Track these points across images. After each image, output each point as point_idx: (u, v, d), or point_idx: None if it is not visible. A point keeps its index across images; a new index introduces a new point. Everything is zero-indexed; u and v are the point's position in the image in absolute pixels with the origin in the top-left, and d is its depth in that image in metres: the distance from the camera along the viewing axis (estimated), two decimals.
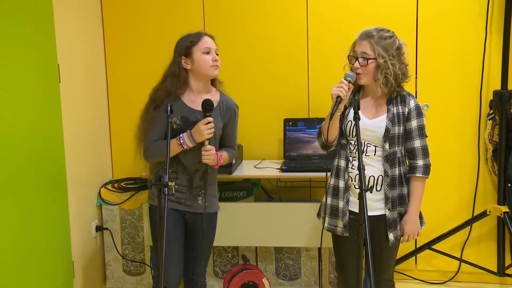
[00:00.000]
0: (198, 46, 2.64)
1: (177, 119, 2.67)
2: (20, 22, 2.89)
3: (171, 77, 2.66)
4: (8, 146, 2.77)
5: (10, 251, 2.78)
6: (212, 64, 2.65)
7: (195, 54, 2.64)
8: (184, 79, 2.68)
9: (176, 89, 2.66)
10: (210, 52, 2.66)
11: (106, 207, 3.80)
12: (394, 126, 2.49)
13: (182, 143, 2.62)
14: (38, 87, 3.05)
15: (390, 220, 2.54)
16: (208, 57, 2.64)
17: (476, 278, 3.80)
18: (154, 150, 2.70)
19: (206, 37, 2.68)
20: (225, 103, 2.78)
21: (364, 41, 2.46)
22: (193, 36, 2.66)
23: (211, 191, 2.82)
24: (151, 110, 2.68)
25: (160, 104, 2.66)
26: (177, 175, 2.70)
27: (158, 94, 2.68)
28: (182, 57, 2.65)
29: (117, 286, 3.87)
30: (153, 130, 2.69)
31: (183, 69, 2.67)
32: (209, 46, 2.66)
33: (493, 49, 3.57)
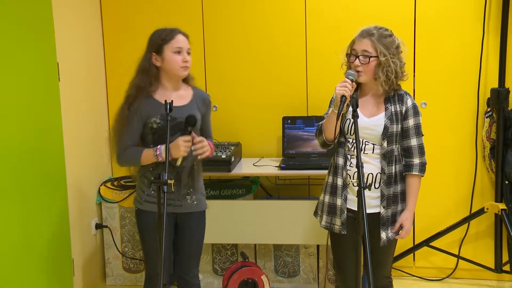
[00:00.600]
0: (169, 44, 2.58)
1: (157, 118, 2.61)
2: (20, 21, 2.90)
3: (141, 72, 2.62)
4: (8, 144, 2.78)
5: (10, 249, 2.79)
6: (181, 65, 2.60)
7: (165, 52, 2.59)
8: (154, 76, 2.62)
9: (146, 85, 2.61)
10: (181, 52, 2.60)
11: (105, 205, 3.81)
12: (392, 124, 2.50)
13: (158, 155, 2.56)
14: (37, 85, 3.06)
15: (384, 218, 2.55)
16: (179, 58, 2.59)
17: (474, 274, 3.81)
18: (128, 157, 2.65)
19: (180, 36, 2.62)
20: (199, 95, 2.76)
21: (365, 39, 2.46)
22: (166, 33, 2.60)
23: (198, 188, 2.77)
24: (125, 108, 2.62)
25: (133, 102, 2.61)
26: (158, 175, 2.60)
27: (129, 91, 2.63)
28: (153, 54, 2.60)
29: (116, 283, 3.89)
30: (127, 132, 2.63)
31: (153, 65, 2.61)
32: (180, 46, 2.60)
33: (490, 48, 3.58)
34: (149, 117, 2.61)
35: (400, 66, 2.49)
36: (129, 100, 2.62)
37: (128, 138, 2.64)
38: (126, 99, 2.63)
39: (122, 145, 2.64)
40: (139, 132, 2.66)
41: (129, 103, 2.61)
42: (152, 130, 2.63)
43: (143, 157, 2.61)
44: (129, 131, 2.63)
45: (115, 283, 3.89)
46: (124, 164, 2.73)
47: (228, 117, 3.89)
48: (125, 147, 2.64)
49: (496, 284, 3.75)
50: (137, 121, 2.62)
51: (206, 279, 3.79)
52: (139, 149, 2.64)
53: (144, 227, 2.72)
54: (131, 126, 2.62)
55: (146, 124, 2.63)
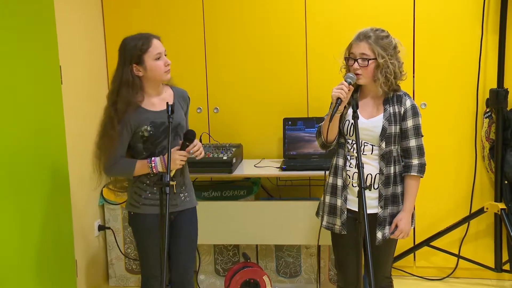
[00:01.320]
0: (149, 53, 2.56)
1: (147, 126, 2.60)
2: (22, 24, 2.92)
3: (126, 86, 2.57)
4: (11, 147, 2.80)
5: (13, 250, 2.80)
6: (164, 69, 2.60)
7: (146, 61, 2.56)
8: (139, 87, 2.60)
9: (134, 98, 2.58)
10: (161, 56, 2.59)
11: (108, 207, 3.83)
12: (390, 125, 2.51)
13: (153, 166, 2.58)
14: (40, 88, 3.08)
15: (381, 218, 2.56)
16: (160, 63, 2.58)
17: (474, 274, 3.81)
18: (120, 170, 2.65)
19: (155, 41, 2.59)
20: (179, 94, 2.76)
21: (362, 42, 2.47)
22: (142, 43, 2.56)
23: (188, 185, 2.79)
24: (116, 124, 2.56)
25: (124, 117, 2.57)
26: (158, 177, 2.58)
27: (118, 106, 2.56)
28: (134, 65, 2.57)
29: (119, 284, 3.91)
30: (120, 146, 2.61)
31: (136, 76, 2.58)
32: (159, 51, 2.58)
33: (489, 48, 3.59)
34: (138, 126, 2.60)
35: (398, 66, 2.51)
36: (118, 115, 2.56)
37: (118, 151, 2.62)
38: (115, 114, 2.56)
39: (112, 158, 2.62)
40: (127, 144, 2.65)
41: (118, 118, 2.56)
42: (143, 138, 2.62)
43: (137, 169, 2.61)
44: (120, 145, 2.61)
45: (118, 284, 3.91)
46: (113, 175, 2.75)
47: (229, 118, 3.90)
48: (115, 160, 2.62)
49: (496, 283, 3.76)
50: (126, 134, 2.61)
51: (208, 280, 3.81)
52: (132, 161, 2.63)
53: (142, 230, 2.71)
54: (122, 140, 2.61)
55: (136, 133, 2.61)
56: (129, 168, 2.62)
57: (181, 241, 2.77)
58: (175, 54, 3.86)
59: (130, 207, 2.73)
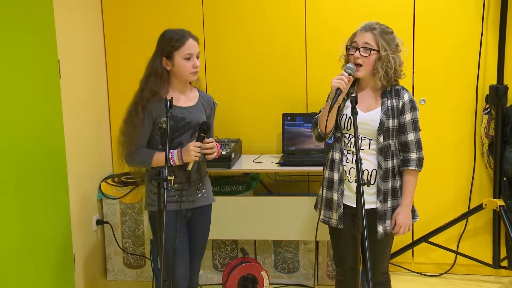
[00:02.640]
0: (180, 51, 2.61)
1: None
2: (20, 18, 2.91)
3: (154, 76, 2.65)
4: (9, 141, 2.79)
5: (11, 244, 2.80)
6: (191, 70, 2.64)
7: (176, 58, 2.62)
8: (166, 79, 2.67)
9: (160, 89, 2.65)
10: (192, 57, 2.63)
11: (106, 201, 3.83)
12: (388, 119, 2.51)
13: (170, 158, 2.60)
14: (38, 82, 3.07)
15: (381, 212, 2.56)
16: (189, 64, 2.63)
17: (472, 270, 3.83)
18: (140, 159, 2.70)
19: (190, 42, 2.64)
20: (205, 97, 2.82)
21: (367, 33, 2.48)
22: (176, 40, 2.62)
23: (206, 182, 2.84)
24: (140, 111, 2.64)
25: (147, 105, 2.64)
26: (175, 173, 2.64)
27: (144, 94, 2.65)
28: (164, 58, 2.64)
29: (117, 279, 3.91)
30: (142, 133, 2.67)
31: (165, 69, 2.66)
32: (191, 52, 2.62)
33: (489, 45, 3.59)
34: (159, 117, 2.65)
35: (399, 63, 2.51)
36: (143, 102, 2.64)
37: (140, 139, 2.67)
38: (140, 101, 2.65)
39: (134, 145, 2.67)
40: (149, 133, 2.69)
41: (142, 105, 2.64)
42: (161, 131, 2.67)
43: (155, 160, 2.65)
44: (142, 133, 2.66)
45: (116, 279, 3.91)
46: (133, 164, 2.76)
47: (228, 113, 3.90)
48: (137, 148, 2.67)
49: (494, 279, 3.78)
50: (147, 122, 2.65)
51: (206, 275, 3.82)
52: (151, 151, 2.67)
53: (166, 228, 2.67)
54: (144, 128, 2.66)
55: (156, 124, 2.67)
56: (148, 158, 2.65)
57: (196, 240, 2.83)
58: None
59: (147, 207, 2.78)
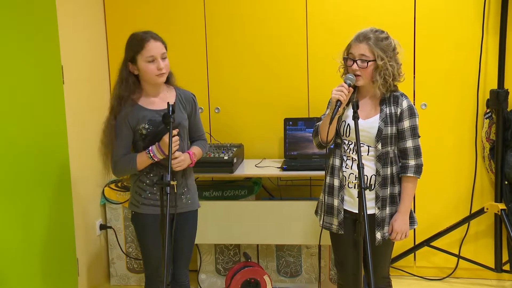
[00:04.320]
0: (141, 54, 2.55)
1: (145, 124, 2.62)
2: (24, 24, 2.94)
3: (120, 82, 2.62)
4: (14, 146, 2.82)
5: (16, 249, 2.83)
6: (156, 73, 2.57)
7: (139, 62, 2.57)
8: (134, 83, 2.62)
9: (129, 94, 2.60)
10: (155, 60, 2.56)
11: (109, 206, 3.85)
12: (386, 126, 2.50)
13: (153, 156, 2.58)
14: (42, 88, 3.10)
15: (379, 219, 2.56)
16: (153, 67, 2.56)
17: (474, 274, 3.83)
18: (124, 167, 2.66)
19: (151, 44, 2.56)
20: (183, 95, 2.75)
21: (362, 43, 2.47)
22: (136, 44, 2.56)
23: (192, 187, 2.79)
24: (112, 119, 2.62)
25: (119, 112, 2.60)
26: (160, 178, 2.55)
27: (112, 101, 2.64)
28: (129, 63, 2.60)
29: (121, 283, 3.93)
30: (119, 142, 2.63)
31: (131, 74, 2.60)
32: (152, 54, 2.55)
33: (489, 49, 3.60)
34: (137, 124, 2.62)
35: (397, 68, 2.51)
36: (114, 111, 2.61)
37: (120, 148, 2.64)
38: (111, 110, 2.63)
39: (115, 156, 2.64)
40: (130, 140, 2.66)
41: (114, 114, 2.61)
42: (142, 136, 2.64)
43: (138, 162, 2.62)
44: (120, 142, 2.63)
45: (119, 283, 3.93)
46: (120, 174, 2.73)
47: (231, 118, 3.92)
48: (118, 157, 2.64)
49: (496, 283, 3.78)
50: (126, 130, 2.62)
51: (209, 279, 3.83)
52: (132, 155, 2.64)
53: (142, 229, 2.73)
54: (121, 136, 2.63)
55: (136, 131, 2.63)
56: (131, 163, 2.62)
57: (181, 243, 2.78)
58: (177, 55, 3.85)
59: (131, 206, 2.76)
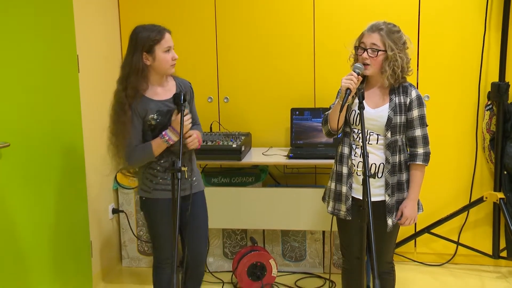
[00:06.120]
0: (160, 44, 2.60)
1: (154, 115, 2.64)
2: (41, 15, 2.99)
3: (135, 73, 2.61)
4: (30, 133, 2.89)
5: (33, 232, 2.91)
6: (171, 63, 2.65)
7: (156, 52, 2.60)
8: (146, 75, 2.65)
9: (142, 85, 2.63)
10: (170, 50, 2.64)
11: (122, 191, 3.94)
12: (396, 115, 2.55)
13: (168, 139, 2.60)
14: (58, 77, 3.15)
15: (390, 206, 2.61)
16: (169, 56, 2.63)
17: (472, 260, 3.90)
18: (140, 156, 2.65)
19: (168, 35, 2.64)
20: (182, 84, 2.79)
21: (374, 33, 2.50)
22: (155, 33, 2.61)
23: (195, 170, 2.84)
24: (127, 109, 2.59)
25: (132, 103, 2.61)
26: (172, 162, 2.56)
27: (128, 92, 2.60)
28: (144, 53, 2.60)
29: (132, 265, 4.02)
30: (133, 132, 2.63)
31: (145, 65, 2.63)
32: (170, 45, 2.63)
33: (491, 43, 3.64)
34: (146, 115, 2.64)
35: (406, 62, 2.54)
36: (129, 100, 2.61)
37: (134, 138, 2.64)
38: (126, 99, 2.61)
39: (129, 146, 2.64)
40: (141, 131, 2.67)
41: (129, 103, 2.61)
42: (151, 127, 2.66)
43: (154, 149, 2.63)
44: (134, 131, 2.64)
45: (130, 265, 4.02)
46: (137, 163, 2.72)
47: (239, 108, 3.97)
48: (133, 147, 2.64)
49: (493, 269, 3.84)
50: (137, 121, 2.64)
51: (217, 262, 3.92)
52: (146, 144, 2.65)
53: (154, 214, 2.75)
54: (135, 126, 2.64)
55: (145, 122, 2.65)
56: (147, 151, 2.63)
57: (194, 224, 2.82)
58: (188, 46, 3.97)
59: (141, 193, 2.78)
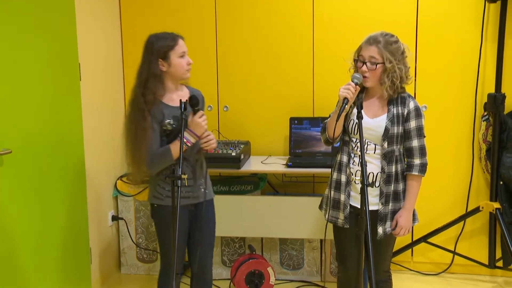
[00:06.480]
0: (174, 50, 2.65)
1: (170, 120, 2.67)
2: (44, 23, 3.03)
3: (153, 79, 2.64)
4: (32, 140, 2.91)
5: (33, 238, 2.92)
6: (186, 68, 2.70)
7: (172, 58, 2.65)
8: (163, 81, 2.69)
9: (159, 91, 2.66)
10: (185, 55, 2.69)
11: (121, 198, 3.95)
12: (393, 126, 2.56)
13: (186, 141, 2.61)
14: (60, 84, 3.18)
15: (382, 214, 2.62)
16: (184, 61, 2.68)
17: (468, 270, 3.91)
18: (160, 160, 2.65)
19: (181, 41, 2.70)
20: (195, 93, 2.83)
21: (372, 46, 2.52)
22: (169, 40, 2.66)
23: (207, 178, 2.86)
24: (147, 115, 2.61)
25: (151, 109, 2.63)
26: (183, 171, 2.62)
27: (147, 98, 2.62)
28: (160, 60, 2.65)
29: (131, 272, 4.03)
30: (154, 137, 2.64)
31: (161, 71, 2.67)
32: (184, 50, 2.68)
33: (488, 55, 3.68)
34: (162, 120, 2.67)
35: (405, 71, 2.56)
36: (148, 107, 2.63)
37: (155, 143, 2.65)
38: (145, 106, 2.62)
39: (150, 151, 2.63)
40: (159, 136, 2.68)
41: (148, 109, 2.63)
42: (166, 132, 2.68)
43: (174, 152, 2.62)
44: (154, 136, 2.65)
45: (129, 272, 4.03)
46: (157, 168, 2.68)
47: (238, 116, 4.00)
48: (153, 152, 2.64)
49: (489, 279, 3.85)
50: (156, 125, 2.65)
51: (215, 270, 3.90)
52: (165, 148, 2.65)
53: (166, 221, 2.73)
54: (154, 131, 2.65)
55: (161, 127, 2.68)
56: (167, 154, 2.62)
57: (203, 232, 2.85)
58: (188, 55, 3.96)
59: (154, 200, 2.76)
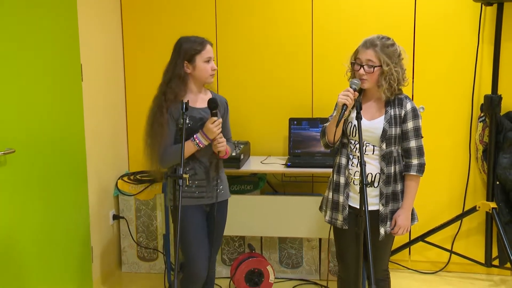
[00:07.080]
0: (201, 55, 2.74)
1: (187, 119, 2.74)
2: (47, 25, 3.05)
3: (177, 79, 2.74)
4: (34, 140, 2.93)
5: (34, 236, 2.95)
6: (211, 73, 2.77)
7: (197, 62, 2.74)
8: (186, 82, 2.77)
9: (181, 91, 2.75)
10: (210, 61, 2.77)
11: (122, 198, 3.98)
12: (391, 127, 2.59)
13: (198, 142, 2.71)
14: (62, 85, 3.21)
15: (383, 215, 2.65)
16: (208, 66, 2.76)
17: (465, 268, 3.95)
18: (172, 156, 2.75)
19: (209, 46, 2.78)
20: (218, 98, 2.87)
21: (369, 49, 2.55)
22: (197, 44, 2.75)
23: (223, 179, 2.95)
24: (164, 112, 2.73)
25: (170, 106, 2.73)
26: (195, 171, 2.78)
27: (168, 96, 2.73)
28: (185, 62, 2.74)
29: (131, 270, 4.06)
30: (168, 133, 2.75)
31: (185, 72, 2.76)
32: (210, 56, 2.76)
33: (484, 57, 3.71)
34: (179, 119, 2.74)
35: (402, 74, 2.59)
36: (167, 104, 2.73)
37: (168, 140, 2.76)
38: (164, 103, 2.74)
39: (163, 147, 2.74)
40: (174, 133, 2.78)
41: (167, 107, 2.73)
42: (181, 131, 2.74)
43: (186, 151, 2.68)
44: (169, 132, 2.76)
45: (130, 270, 4.06)
46: (168, 164, 2.78)
47: (238, 117, 4.00)
48: (165, 148, 2.75)
49: (486, 277, 3.89)
50: (171, 123, 2.76)
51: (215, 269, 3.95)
52: (178, 145, 2.73)
53: (182, 221, 2.75)
54: (170, 127, 2.76)
55: (177, 125, 2.77)
56: (178, 152, 2.68)
57: (215, 232, 2.91)
58: None
59: (170, 202, 2.82)
